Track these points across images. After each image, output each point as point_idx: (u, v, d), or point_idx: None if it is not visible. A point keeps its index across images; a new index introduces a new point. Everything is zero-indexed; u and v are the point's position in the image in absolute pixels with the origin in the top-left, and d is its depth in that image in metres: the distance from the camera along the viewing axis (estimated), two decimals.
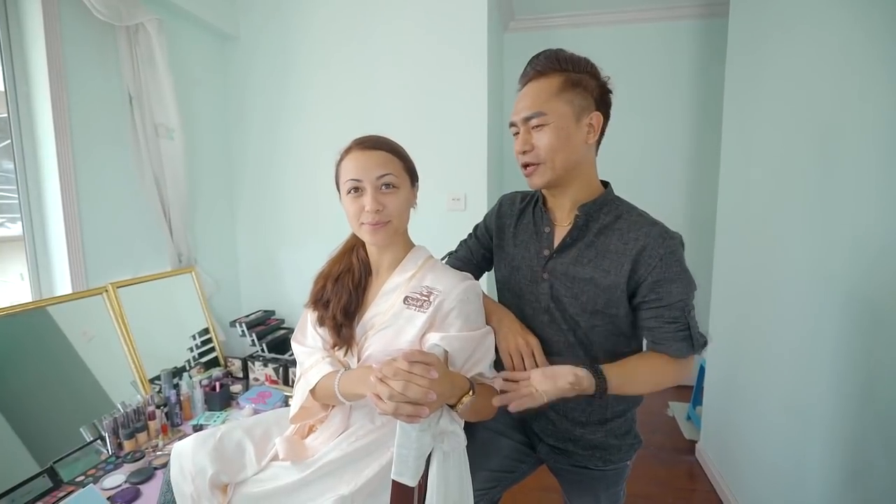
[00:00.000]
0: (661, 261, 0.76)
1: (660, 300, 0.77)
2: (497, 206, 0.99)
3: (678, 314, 0.77)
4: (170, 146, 1.65)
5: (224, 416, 1.58)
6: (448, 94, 1.88)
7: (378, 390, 0.63)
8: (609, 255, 0.80)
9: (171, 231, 1.74)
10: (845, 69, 1.12)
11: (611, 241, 0.80)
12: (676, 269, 0.77)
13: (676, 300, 0.77)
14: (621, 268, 0.78)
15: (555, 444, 0.90)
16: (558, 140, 0.78)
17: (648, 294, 0.78)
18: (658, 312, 0.78)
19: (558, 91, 0.78)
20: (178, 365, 1.75)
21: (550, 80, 0.79)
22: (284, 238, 2.14)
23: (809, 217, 1.22)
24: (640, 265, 0.77)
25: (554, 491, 1.12)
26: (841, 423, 1.09)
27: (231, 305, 2.14)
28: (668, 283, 0.76)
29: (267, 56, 2.02)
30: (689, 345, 0.78)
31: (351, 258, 0.91)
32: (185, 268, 1.85)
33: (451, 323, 0.80)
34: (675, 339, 0.78)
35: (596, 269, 0.80)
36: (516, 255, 0.90)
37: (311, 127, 2.02)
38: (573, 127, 0.78)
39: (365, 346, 0.84)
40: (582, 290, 0.81)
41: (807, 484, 1.21)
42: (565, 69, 0.79)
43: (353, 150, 0.85)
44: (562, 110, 0.78)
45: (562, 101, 0.78)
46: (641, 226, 0.79)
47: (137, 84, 1.56)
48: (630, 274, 0.78)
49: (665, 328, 0.78)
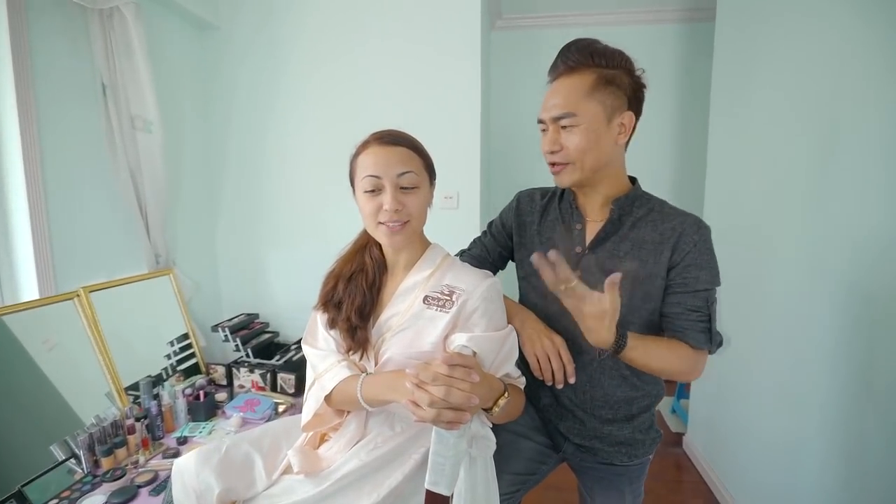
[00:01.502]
0: (694, 246, 0.77)
1: (685, 285, 0.78)
2: (515, 203, 0.97)
3: (701, 304, 0.78)
4: (147, 140, 1.55)
5: (210, 427, 1.49)
6: (441, 90, 1.85)
7: (416, 397, 0.60)
8: (645, 245, 0.79)
9: (149, 230, 1.63)
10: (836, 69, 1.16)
11: (645, 232, 0.80)
12: (707, 258, 0.78)
13: (702, 288, 0.77)
14: (660, 256, 0.78)
15: (581, 442, 0.89)
16: (588, 142, 0.77)
17: (676, 278, 0.78)
18: (682, 298, 0.78)
19: (590, 90, 0.76)
20: (155, 373, 1.64)
21: (582, 78, 0.77)
22: (268, 237, 2.05)
23: (803, 214, 1.26)
24: (676, 250, 0.78)
25: (563, 490, 1.10)
26: (836, 412, 1.13)
27: (211, 309, 2.04)
28: (697, 268, 0.77)
29: (249, 47, 1.93)
30: (707, 337, 0.79)
31: (364, 257, 0.86)
32: (163, 269, 1.74)
33: (475, 322, 0.77)
34: (694, 328, 0.78)
35: (634, 262, 0.80)
36: None
37: (297, 122, 1.95)
38: (604, 128, 0.77)
39: (382, 349, 0.80)
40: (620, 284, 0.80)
41: (801, 468, 1.25)
42: (598, 64, 0.77)
43: (371, 146, 0.80)
44: (593, 111, 0.76)
45: (594, 102, 0.76)
46: (675, 216, 0.80)
47: (112, 73, 1.45)
48: (668, 260, 0.78)
49: (686, 316, 0.78)
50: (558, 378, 0.80)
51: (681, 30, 2.33)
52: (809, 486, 1.20)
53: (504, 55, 2.62)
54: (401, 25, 1.84)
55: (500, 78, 2.61)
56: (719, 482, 1.73)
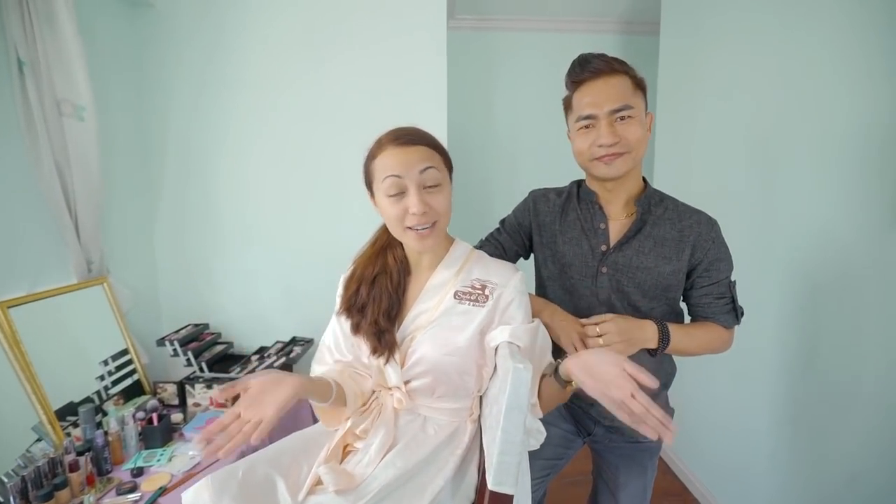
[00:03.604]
0: (713, 243, 0.86)
1: (710, 278, 0.88)
2: (532, 204, 1.00)
3: (724, 290, 0.89)
4: (78, 128, 1.33)
5: (170, 453, 1.32)
6: (404, 80, 1.82)
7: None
8: (667, 243, 0.87)
9: (79, 234, 1.41)
10: (780, 78, 1.34)
11: (665, 230, 0.88)
12: (723, 250, 0.88)
13: (724, 277, 0.88)
14: (682, 253, 0.86)
15: (612, 423, 0.96)
16: (642, 132, 0.84)
17: (702, 274, 0.88)
18: (709, 290, 0.88)
19: (634, 88, 0.84)
20: (82, 398, 1.41)
21: (624, 79, 0.84)
22: (216, 240, 1.86)
23: (749, 209, 1.44)
24: (698, 249, 0.87)
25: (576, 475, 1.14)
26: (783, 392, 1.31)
27: (152, 321, 1.81)
28: (719, 262, 0.87)
29: (191, 29, 1.73)
30: (734, 316, 0.90)
31: (386, 258, 0.83)
32: (96, 278, 1.51)
33: (512, 315, 0.78)
34: (722, 311, 0.89)
35: (658, 258, 0.87)
36: (567, 253, 0.93)
37: (249, 115, 1.79)
38: (644, 123, 0.84)
39: (412, 349, 0.78)
40: (644, 278, 0.87)
41: (754, 447, 1.42)
42: (626, 71, 0.85)
43: (388, 147, 0.77)
44: (640, 106, 0.84)
45: (638, 98, 0.85)
46: (689, 214, 0.89)
47: (32, 48, 1.22)
48: (689, 258, 0.87)
49: (715, 303, 0.89)
50: None
51: (626, 41, 2.52)
52: (763, 463, 1.38)
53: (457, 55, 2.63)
54: (363, 14, 1.77)
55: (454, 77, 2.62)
56: (681, 462, 1.92)
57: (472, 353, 0.77)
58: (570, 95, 0.90)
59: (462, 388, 0.80)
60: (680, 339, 0.85)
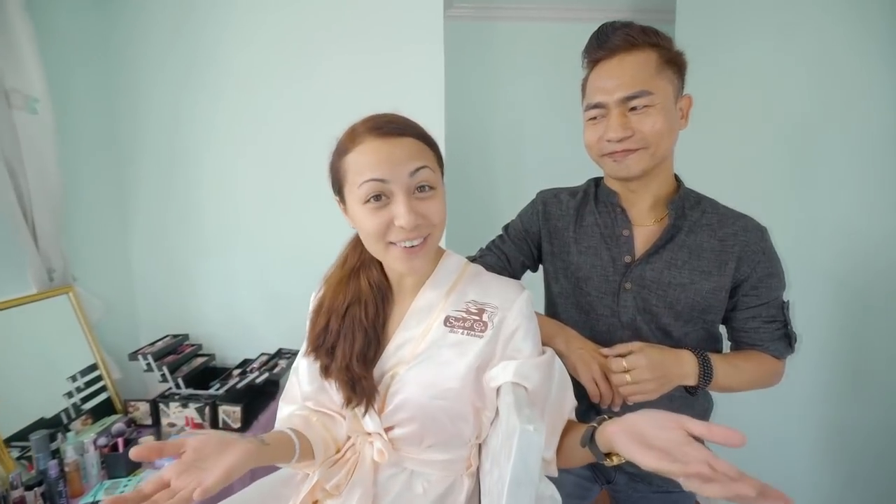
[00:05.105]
0: (763, 255, 0.71)
1: (759, 297, 0.72)
2: (541, 206, 0.84)
3: (776, 312, 0.73)
4: (30, 122, 1.19)
5: (136, 483, 1.19)
6: (397, 73, 1.67)
7: None
8: (705, 254, 0.71)
9: (36, 240, 1.27)
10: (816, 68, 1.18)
11: (703, 238, 0.72)
12: (775, 263, 0.72)
13: (774, 297, 0.73)
14: (724, 266, 0.71)
15: (636, 470, 0.80)
16: (665, 123, 0.67)
17: (749, 292, 0.72)
18: (756, 312, 0.73)
19: (658, 67, 0.67)
20: (49, 416, 1.29)
21: (648, 54, 0.68)
22: (196, 244, 1.72)
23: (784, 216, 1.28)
24: (744, 262, 0.71)
25: None
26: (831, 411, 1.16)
27: (127, 333, 1.68)
28: (769, 278, 0.72)
29: (167, 18, 1.59)
30: (786, 344, 0.74)
31: (358, 283, 0.67)
32: (60, 287, 1.38)
33: (518, 347, 0.63)
34: (772, 338, 0.73)
35: (694, 272, 0.71)
36: (582, 265, 0.77)
37: (230, 109, 1.65)
38: (674, 110, 0.68)
39: (393, 389, 0.63)
40: (678, 297, 0.72)
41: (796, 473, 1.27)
42: (655, 43, 0.68)
43: (365, 139, 0.60)
44: (666, 90, 0.68)
45: (664, 80, 0.68)
46: (733, 219, 0.73)
47: None
48: (733, 273, 0.71)
49: (763, 329, 0.73)
50: (617, 400, 0.70)
51: None
52: (798, 480, 1.23)
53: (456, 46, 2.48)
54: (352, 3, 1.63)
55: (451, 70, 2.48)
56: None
57: (467, 394, 0.62)
58: (586, 77, 0.76)
59: (456, 436, 0.64)
60: (725, 374, 0.70)
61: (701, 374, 0.69)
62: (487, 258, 0.87)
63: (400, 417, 0.63)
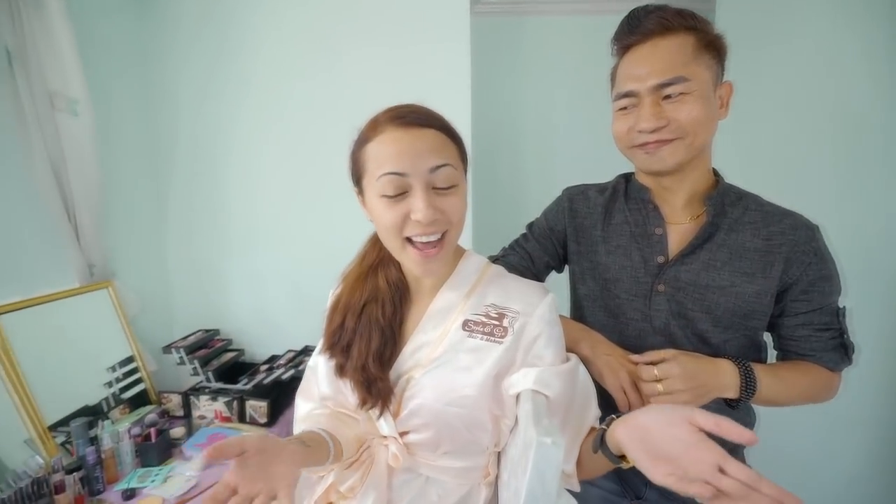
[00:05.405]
0: (815, 256, 0.64)
1: (810, 303, 0.66)
2: (567, 203, 0.80)
3: (829, 319, 0.66)
4: (73, 124, 1.25)
5: (165, 473, 1.23)
6: (423, 70, 1.65)
7: None
8: (747, 255, 0.65)
9: (79, 236, 1.33)
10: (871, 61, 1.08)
11: (745, 237, 0.66)
12: (828, 265, 0.66)
13: (829, 302, 0.66)
14: (770, 269, 0.65)
15: None
16: (703, 112, 0.62)
17: (799, 297, 0.66)
18: (807, 318, 0.66)
19: (695, 52, 0.62)
20: (93, 403, 1.35)
21: (683, 39, 0.63)
22: (228, 241, 1.77)
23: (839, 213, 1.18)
24: (793, 264, 0.65)
25: None
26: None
27: (162, 326, 1.74)
28: (822, 282, 0.65)
29: (198, 21, 1.63)
30: (842, 354, 0.67)
31: (376, 280, 0.66)
32: (99, 282, 1.44)
33: (539, 354, 0.59)
34: (825, 348, 0.67)
35: (735, 274, 0.66)
36: (611, 265, 0.72)
37: (262, 107, 1.68)
38: (713, 98, 0.63)
39: (408, 393, 0.61)
40: (716, 301, 0.66)
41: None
42: (692, 27, 0.63)
43: (386, 129, 0.58)
44: (703, 76, 0.63)
45: (702, 66, 0.63)
46: (779, 217, 0.67)
47: (20, 38, 1.14)
48: (780, 276, 0.65)
49: (815, 337, 0.66)
50: None
51: None
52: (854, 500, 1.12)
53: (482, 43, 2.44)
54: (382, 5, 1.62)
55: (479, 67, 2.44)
56: None
57: (485, 402, 0.59)
58: (616, 65, 0.71)
59: (473, 443, 0.62)
60: (770, 386, 0.64)
61: (742, 385, 0.63)
62: (510, 258, 0.84)
63: (415, 423, 0.61)
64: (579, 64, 2.25)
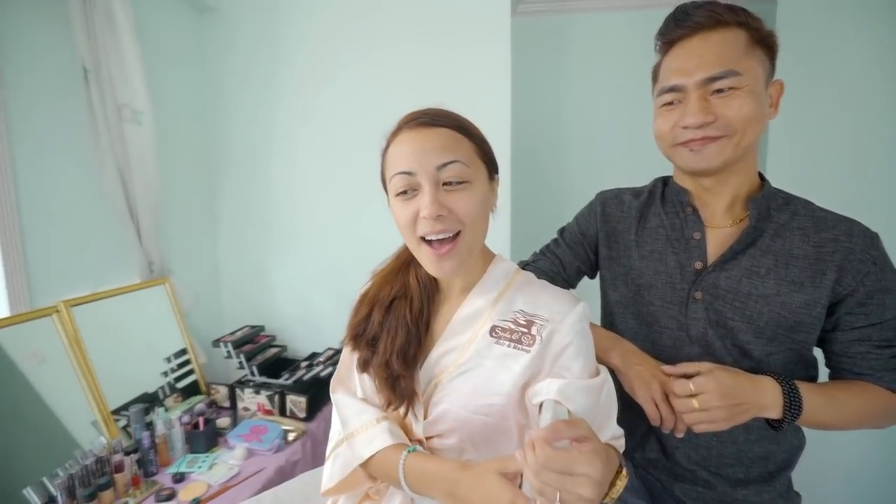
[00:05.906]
0: (874, 265, 0.59)
1: (868, 317, 0.60)
2: (599, 207, 0.78)
3: (891, 335, 0.60)
4: (137, 132, 1.36)
5: (211, 460, 1.30)
6: (466, 81, 1.66)
7: None
8: (796, 262, 0.61)
9: (140, 236, 1.45)
10: None
11: (793, 244, 0.62)
12: (890, 275, 0.60)
13: (890, 317, 0.60)
14: (822, 277, 0.60)
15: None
16: (754, 109, 0.59)
17: (855, 309, 0.60)
18: (864, 334, 0.61)
19: (747, 47, 0.60)
20: (151, 391, 1.46)
21: (736, 33, 0.60)
22: (274, 242, 1.86)
23: None
24: (848, 273, 0.60)
25: None
26: None
27: (212, 321, 1.85)
28: (882, 293, 0.60)
29: (251, 32, 1.73)
30: None
31: (407, 277, 0.67)
32: (157, 279, 1.56)
33: (566, 365, 0.57)
34: (886, 367, 0.61)
35: (781, 283, 0.61)
36: (645, 270, 0.69)
37: (307, 115, 1.75)
38: (764, 95, 0.60)
39: (435, 398, 0.61)
40: (760, 310, 0.62)
41: None
42: (744, 22, 0.60)
43: (402, 131, 0.61)
44: (756, 72, 0.60)
45: (755, 61, 0.60)
46: (833, 223, 0.62)
47: (95, 55, 1.25)
48: (833, 286, 0.60)
49: (874, 354, 0.61)
50: (680, 426, 0.62)
51: None
52: None
53: (525, 43, 2.41)
54: (422, 7, 1.64)
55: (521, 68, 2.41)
56: None
57: (511, 411, 0.58)
58: (659, 62, 0.68)
59: (497, 453, 0.61)
60: (818, 407, 0.59)
61: (786, 405, 0.58)
62: (541, 263, 0.82)
63: (441, 428, 0.61)
64: (625, 61, 2.17)
